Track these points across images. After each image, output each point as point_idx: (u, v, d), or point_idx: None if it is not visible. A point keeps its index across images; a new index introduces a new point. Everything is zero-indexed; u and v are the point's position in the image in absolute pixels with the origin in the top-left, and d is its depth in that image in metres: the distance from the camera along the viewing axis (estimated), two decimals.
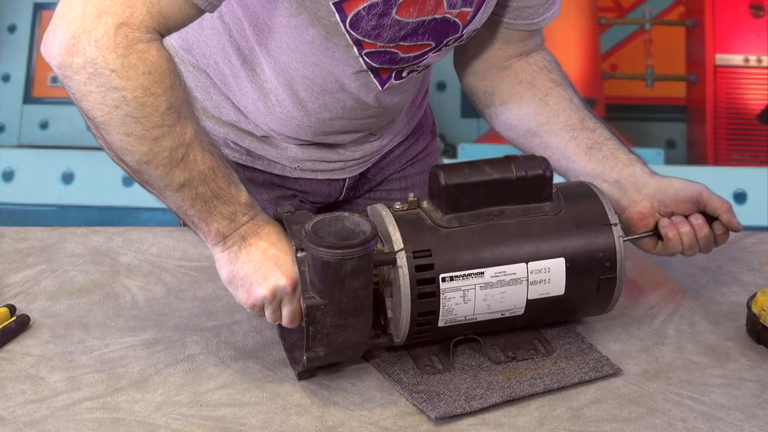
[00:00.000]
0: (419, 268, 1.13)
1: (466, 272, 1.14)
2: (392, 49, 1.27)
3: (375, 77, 1.32)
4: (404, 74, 1.34)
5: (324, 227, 1.10)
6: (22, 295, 1.33)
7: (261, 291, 1.13)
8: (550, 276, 1.16)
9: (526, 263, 1.15)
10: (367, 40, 1.25)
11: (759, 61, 3.67)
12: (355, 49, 1.26)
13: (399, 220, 1.15)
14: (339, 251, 1.06)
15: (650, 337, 1.26)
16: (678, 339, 1.26)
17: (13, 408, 1.12)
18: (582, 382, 1.16)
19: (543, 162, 1.19)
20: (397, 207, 1.17)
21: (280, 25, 1.25)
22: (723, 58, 3.67)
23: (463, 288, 1.14)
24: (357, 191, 1.57)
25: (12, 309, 1.27)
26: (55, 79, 3.79)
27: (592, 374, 1.17)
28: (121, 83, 1.07)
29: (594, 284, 1.19)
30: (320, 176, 1.50)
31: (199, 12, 1.13)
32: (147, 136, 1.09)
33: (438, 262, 1.13)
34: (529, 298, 1.16)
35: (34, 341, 1.24)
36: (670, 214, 1.30)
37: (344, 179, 1.52)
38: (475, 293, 1.14)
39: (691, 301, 1.34)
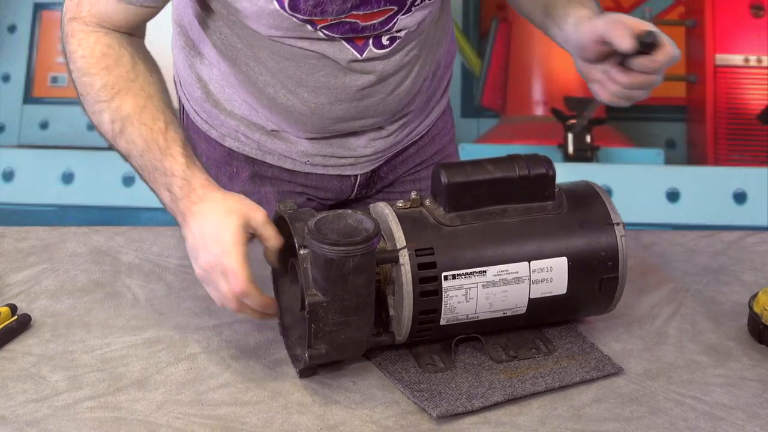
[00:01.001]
0: (421, 266, 1.13)
1: (468, 270, 1.14)
2: (348, 20, 1.26)
3: (349, 44, 1.30)
4: (385, 41, 1.31)
5: (326, 224, 1.10)
6: (23, 294, 1.33)
7: (197, 269, 1.17)
8: (552, 275, 1.16)
9: (529, 262, 1.15)
10: (314, 18, 1.24)
11: (759, 61, 3.67)
12: (309, 26, 1.25)
13: (401, 218, 1.15)
14: (342, 248, 1.06)
15: (652, 337, 1.26)
16: (680, 338, 1.26)
17: (15, 407, 1.12)
18: (583, 381, 1.16)
19: (545, 161, 1.19)
20: (400, 205, 1.17)
21: (247, 18, 1.27)
22: (723, 58, 3.68)
23: (465, 286, 1.14)
24: (369, 189, 1.56)
25: (13, 308, 1.27)
26: (55, 79, 3.80)
27: (594, 373, 1.17)
28: (70, 66, 1.27)
29: (596, 283, 1.19)
30: (331, 171, 1.49)
31: (138, 10, 1.26)
32: (90, 110, 1.26)
33: (440, 260, 1.13)
34: (531, 296, 1.16)
35: (36, 340, 1.24)
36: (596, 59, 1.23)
37: (355, 176, 1.52)
38: (477, 291, 1.14)
39: (692, 300, 1.34)
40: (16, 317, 1.26)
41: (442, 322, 1.15)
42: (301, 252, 1.11)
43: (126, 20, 1.27)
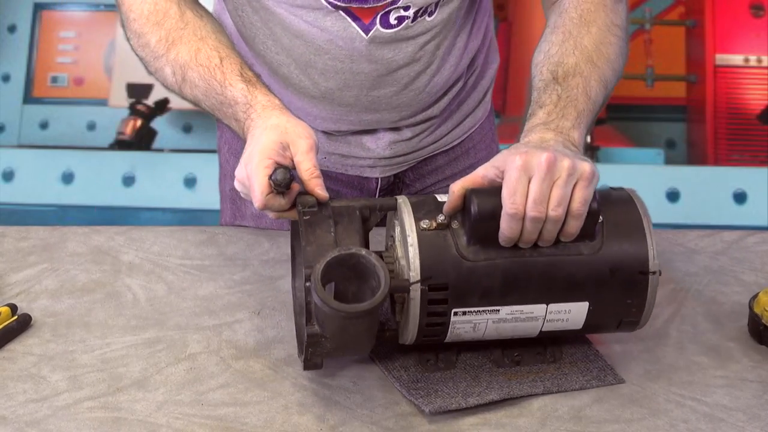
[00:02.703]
0: (432, 302, 1.08)
1: (481, 309, 1.09)
2: None
3: (355, 22, 1.28)
4: (392, 20, 1.28)
5: (334, 267, 1.04)
6: (23, 294, 1.33)
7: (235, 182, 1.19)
8: (569, 316, 1.11)
9: (547, 304, 1.09)
10: None
11: (759, 61, 3.67)
12: None
13: (422, 243, 1.07)
14: (343, 312, 1.01)
15: (652, 338, 1.26)
16: (680, 340, 1.26)
17: (15, 407, 1.12)
18: (582, 389, 1.16)
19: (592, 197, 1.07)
20: (425, 226, 1.08)
21: None
22: (723, 58, 3.68)
23: (474, 321, 1.10)
24: (393, 194, 1.52)
25: (13, 308, 1.27)
26: (55, 79, 3.80)
27: (594, 382, 1.16)
28: (128, 34, 1.31)
29: (615, 323, 1.14)
30: (350, 171, 1.48)
31: None
32: (153, 69, 1.29)
33: (453, 297, 1.07)
34: (543, 329, 1.13)
35: (36, 340, 1.24)
36: None
37: (376, 179, 1.49)
38: (486, 325, 1.10)
39: (692, 301, 1.34)
40: (16, 317, 1.26)
41: (447, 340, 1.13)
42: (307, 284, 1.06)
43: None
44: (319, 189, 1.11)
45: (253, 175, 1.12)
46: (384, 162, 1.48)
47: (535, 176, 1.03)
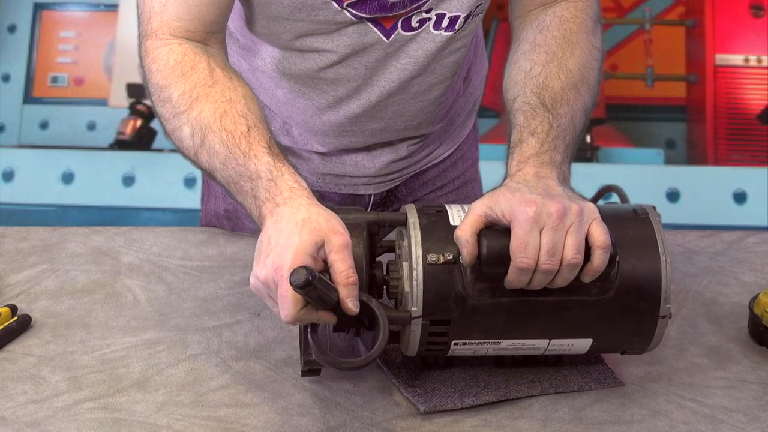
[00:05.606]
0: (433, 333, 1.07)
1: (482, 341, 1.09)
2: None
3: (376, 27, 1.24)
4: (414, 23, 1.25)
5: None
6: (23, 294, 1.33)
7: (251, 277, 1.05)
8: (572, 348, 1.11)
9: (549, 340, 1.09)
10: None
11: (759, 61, 3.67)
12: (335, 4, 1.20)
13: (427, 278, 1.04)
14: (338, 365, 1.03)
15: None
16: (680, 341, 1.26)
17: (15, 408, 1.12)
18: (581, 390, 1.16)
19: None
20: (433, 260, 1.05)
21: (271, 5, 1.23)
22: (723, 58, 3.68)
23: (475, 348, 1.10)
24: (385, 208, 1.52)
25: (13, 309, 1.27)
26: (55, 79, 3.81)
27: (593, 385, 1.16)
28: (149, 88, 1.19)
29: (619, 352, 1.15)
30: (344, 190, 1.48)
31: (208, 1, 1.19)
32: (171, 128, 1.17)
33: (454, 331, 1.07)
34: (544, 354, 1.14)
35: (36, 341, 1.24)
36: None
37: (369, 195, 1.49)
38: (486, 352, 1.11)
39: (693, 302, 1.34)
40: (16, 318, 1.26)
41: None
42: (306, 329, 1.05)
43: (199, 17, 1.20)
44: (351, 301, 1.01)
45: (285, 292, 1.00)
46: (378, 179, 1.47)
47: (547, 228, 1.00)
